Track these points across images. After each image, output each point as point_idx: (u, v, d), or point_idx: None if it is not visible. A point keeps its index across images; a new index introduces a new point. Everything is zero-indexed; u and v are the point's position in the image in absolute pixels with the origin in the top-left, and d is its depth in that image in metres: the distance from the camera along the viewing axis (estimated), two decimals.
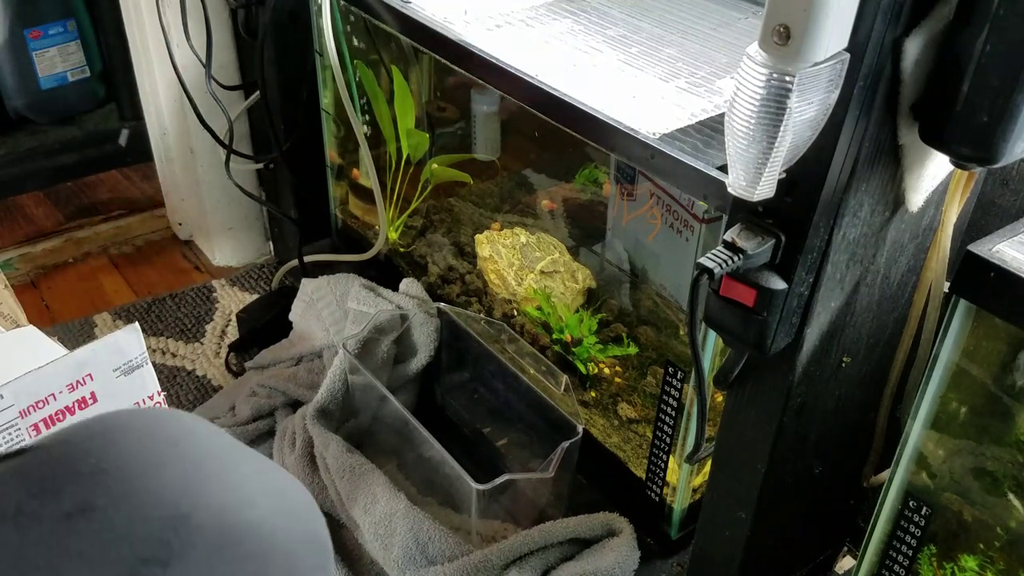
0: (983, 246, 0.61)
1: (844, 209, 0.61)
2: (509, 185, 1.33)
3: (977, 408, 0.70)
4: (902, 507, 0.77)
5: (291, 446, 1.11)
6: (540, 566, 0.96)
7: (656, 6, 1.04)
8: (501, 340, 1.14)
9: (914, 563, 0.78)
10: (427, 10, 1.01)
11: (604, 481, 1.09)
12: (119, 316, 1.46)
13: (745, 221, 0.64)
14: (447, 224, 1.35)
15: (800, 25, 0.50)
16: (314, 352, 1.25)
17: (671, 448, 0.97)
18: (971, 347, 0.67)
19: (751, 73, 0.52)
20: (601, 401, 1.11)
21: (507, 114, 1.22)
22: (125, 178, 1.86)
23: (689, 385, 0.91)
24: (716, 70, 0.89)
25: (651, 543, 1.02)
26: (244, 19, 1.30)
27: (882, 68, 0.56)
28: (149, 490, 0.40)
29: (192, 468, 0.43)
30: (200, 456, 0.44)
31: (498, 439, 1.18)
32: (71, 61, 1.86)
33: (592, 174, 1.18)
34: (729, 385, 0.75)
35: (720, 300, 0.66)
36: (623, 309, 1.13)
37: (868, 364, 0.78)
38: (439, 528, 0.97)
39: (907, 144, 0.61)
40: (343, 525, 1.04)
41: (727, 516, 0.83)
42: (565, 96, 0.84)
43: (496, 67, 0.90)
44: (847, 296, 0.69)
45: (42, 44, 1.82)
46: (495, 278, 1.20)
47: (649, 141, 0.77)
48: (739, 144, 0.55)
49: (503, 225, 1.25)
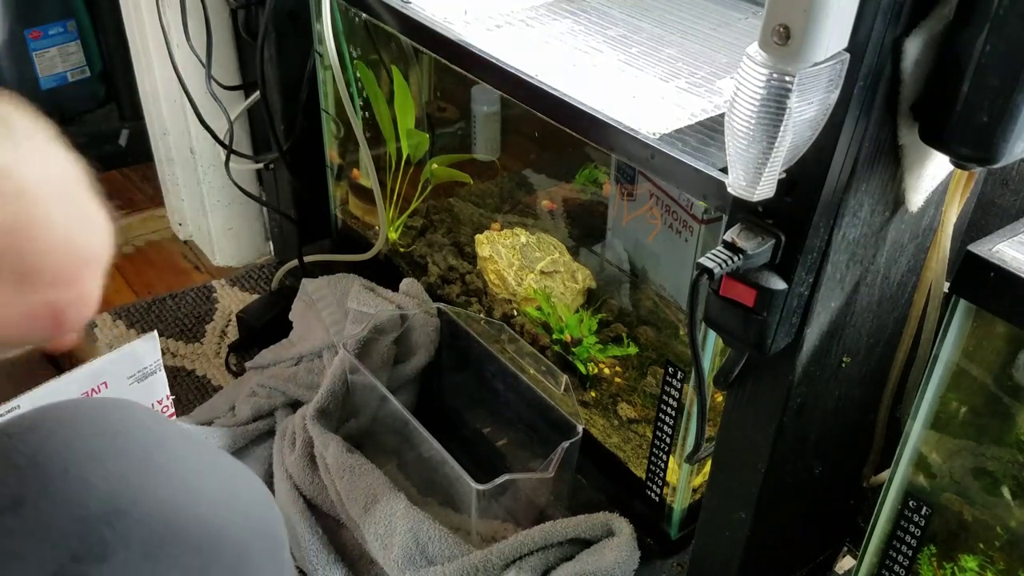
0: (983, 246, 0.61)
1: (844, 209, 0.61)
2: (509, 185, 1.33)
3: (977, 408, 0.70)
4: (902, 507, 0.77)
5: (291, 446, 1.11)
6: (540, 566, 0.96)
7: (656, 6, 1.04)
8: (501, 340, 1.14)
9: (914, 563, 0.78)
10: (427, 10, 1.01)
11: (604, 481, 1.09)
12: (119, 316, 1.46)
13: (745, 221, 0.64)
14: (447, 224, 1.35)
15: (800, 25, 0.50)
16: (314, 352, 1.25)
17: (671, 448, 0.97)
18: (971, 347, 0.67)
19: (751, 73, 0.52)
20: (601, 401, 1.11)
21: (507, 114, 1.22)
22: (125, 178, 1.86)
23: (689, 385, 0.91)
24: (716, 70, 0.89)
25: (651, 543, 1.02)
26: (244, 19, 1.30)
27: (882, 68, 0.56)
28: (86, 483, 0.39)
29: (136, 461, 0.41)
30: (146, 449, 0.42)
31: (498, 439, 1.18)
32: (71, 61, 1.86)
33: (592, 174, 1.18)
34: (729, 385, 0.75)
35: (720, 300, 0.66)
36: (623, 309, 1.13)
37: (868, 364, 0.78)
38: (439, 528, 0.97)
39: (907, 144, 0.61)
40: (343, 525, 1.04)
41: (727, 516, 0.83)
42: (565, 96, 0.84)
43: (496, 67, 0.90)
44: (847, 296, 0.69)
45: (42, 44, 1.81)
46: (495, 278, 1.20)
47: (649, 141, 0.77)
48: (739, 144, 0.55)
49: (503, 225, 1.26)
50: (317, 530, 1.02)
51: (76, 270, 0.37)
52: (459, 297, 1.27)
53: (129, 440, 0.42)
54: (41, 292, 0.35)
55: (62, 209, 0.37)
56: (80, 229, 0.37)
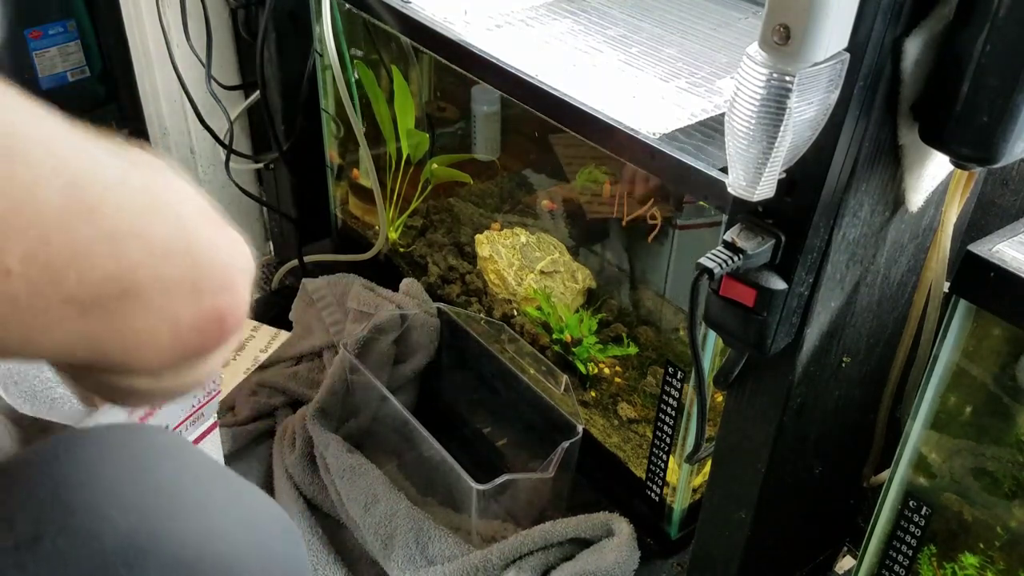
0: (983, 246, 0.61)
1: (844, 209, 0.61)
2: (509, 185, 1.33)
3: (977, 408, 0.70)
4: (902, 507, 0.77)
5: (291, 446, 1.11)
6: (540, 566, 0.96)
7: (656, 6, 1.04)
8: (501, 340, 1.14)
9: (914, 563, 0.78)
10: (427, 10, 1.01)
11: (604, 481, 1.09)
12: None
13: (745, 221, 0.64)
14: (447, 224, 1.35)
15: (800, 25, 0.50)
16: (314, 352, 1.25)
17: (671, 448, 0.97)
18: (971, 347, 0.67)
19: (751, 73, 0.52)
20: (601, 401, 1.11)
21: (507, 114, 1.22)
22: None
23: (689, 385, 0.91)
24: (716, 70, 0.89)
25: (651, 543, 1.02)
26: (244, 19, 1.30)
27: (882, 68, 0.56)
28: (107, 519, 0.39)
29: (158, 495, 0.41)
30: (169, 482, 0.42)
31: (498, 439, 1.18)
32: (71, 61, 1.86)
33: (592, 174, 1.18)
34: (729, 385, 0.75)
35: (720, 300, 0.66)
36: (623, 309, 1.13)
37: (868, 364, 0.78)
38: (439, 528, 0.97)
39: (907, 144, 0.61)
40: (343, 525, 1.04)
41: (727, 516, 0.83)
42: (565, 96, 0.84)
43: (496, 67, 0.90)
44: (847, 296, 0.69)
45: (42, 44, 1.81)
46: (495, 278, 1.20)
47: (649, 141, 0.77)
48: (739, 144, 0.55)
49: (503, 225, 1.25)
50: (317, 530, 1.02)
51: (234, 276, 0.39)
52: (459, 297, 1.27)
53: (153, 472, 0.43)
54: (210, 297, 0.37)
55: (217, 225, 0.39)
56: (231, 239, 0.40)
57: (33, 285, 0.30)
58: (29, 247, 0.30)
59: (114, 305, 0.33)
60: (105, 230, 0.32)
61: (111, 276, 0.32)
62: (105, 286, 0.32)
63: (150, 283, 0.34)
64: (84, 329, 0.33)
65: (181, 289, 0.35)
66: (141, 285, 0.34)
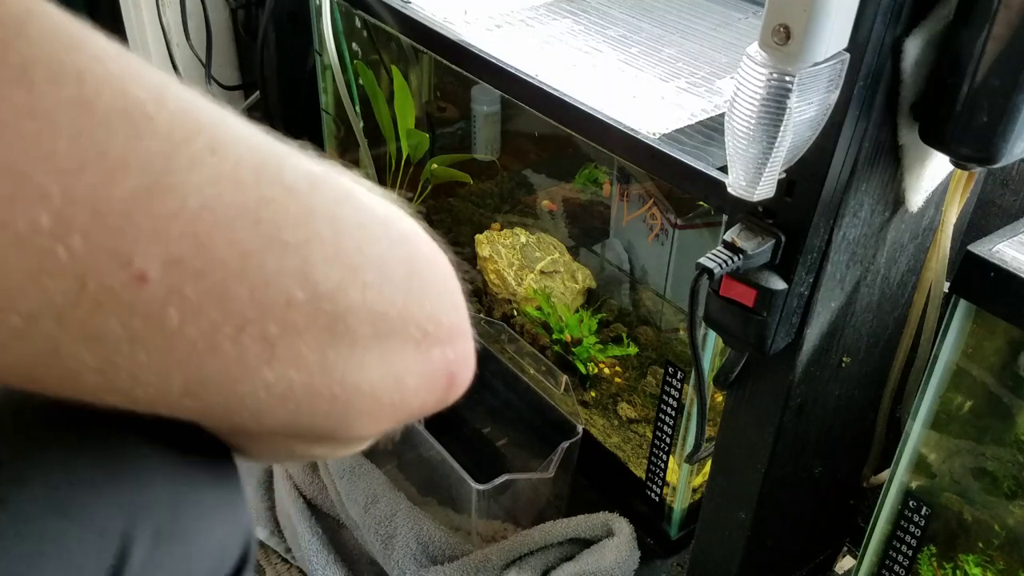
0: (983, 246, 0.61)
1: (844, 209, 0.61)
2: (509, 185, 1.33)
3: (977, 408, 0.70)
4: (902, 507, 0.77)
5: None
6: (540, 566, 0.96)
7: (656, 6, 1.04)
8: (501, 340, 1.14)
9: (914, 563, 0.78)
10: (427, 10, 1.01)
11: (604, 481, 1.09)
12: None
13: (745, 221, 0.64)
14: (447, 224, 1.35)
15: (800, 25, 0.50)
16: None
17: (671, 448, 0.97)
18: (971, 347, 0.67)
19: (751, 73, 0.52)
20: (601, 401, 1.11)
21: (507, 114, 1.22)
22: None
23: (689, 385, 0.91)
24: (716, 70, 0.89)
25: (651, 543, 1.02)
26: (244, 19, 1.30)
27: (882, 68, 0.56)
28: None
29: None
30: None
31: (498, 439, 1.18)
32: None
33: (592, 174, 1.18)
34: (729, 385, 0.75)
35: (720, 300, 0.66)
36: (623, 309, 1.13)
37: (868, 364, 0.78)
38: (439, 528, 0.97)
39: (907, 144, 0.61)
40: (343, 525, 1.04)
41: (727, 516, 0.83)
42: (565, 96, 0.83)
43: (496, 67, 0.90)
44: (847, 296, 0.69)
45: None
46: (495, 278, 1.20)
47: (649, 141, 0.77)
48: (739, 144, 0.55)
49: (503, 225, 1.25)
50: (317, 530, 1.02)
51: (461, 320, 0.30)
52: None
53: None
54: (439, 347, 0.28)
55: (436, 250, 0.30)
56: (451, 270, 0.30)
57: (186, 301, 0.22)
58: (180, 247, 0.22)
59: (319, 346, 0.25)
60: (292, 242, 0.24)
61: (307, 302, 0.24)
62: (297, 315, 0.24)
63: (364, 319, 0.26)
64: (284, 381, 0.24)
65: (404, 333, 0.27)
66: (351, 321, 0.25)
